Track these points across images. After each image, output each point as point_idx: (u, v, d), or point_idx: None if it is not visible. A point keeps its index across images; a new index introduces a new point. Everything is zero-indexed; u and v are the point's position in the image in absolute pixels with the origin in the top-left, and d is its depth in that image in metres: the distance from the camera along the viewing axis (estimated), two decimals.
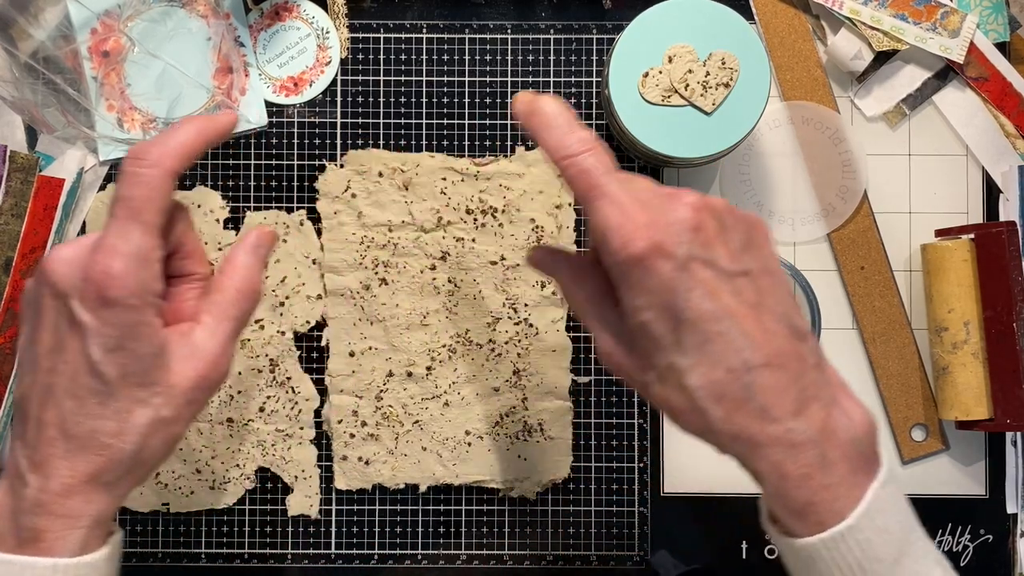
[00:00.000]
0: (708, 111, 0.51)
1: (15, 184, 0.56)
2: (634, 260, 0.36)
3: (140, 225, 0.38)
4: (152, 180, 0.38)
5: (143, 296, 0.37)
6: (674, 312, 0.36)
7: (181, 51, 0.57)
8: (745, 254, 0.38)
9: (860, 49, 0.57)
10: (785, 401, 0.36)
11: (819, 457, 0.37)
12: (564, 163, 0.38)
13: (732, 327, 0.36)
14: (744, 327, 0.36)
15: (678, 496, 0.58)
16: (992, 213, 0.59)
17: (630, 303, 0.37)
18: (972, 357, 0.55)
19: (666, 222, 0.36)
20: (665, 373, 0.37)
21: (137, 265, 0.37)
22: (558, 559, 0.58)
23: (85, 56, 0.57)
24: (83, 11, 0.57)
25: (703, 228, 0.37)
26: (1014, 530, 0.58)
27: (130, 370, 0.38)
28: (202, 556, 0.58)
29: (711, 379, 0.36)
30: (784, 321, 0.38)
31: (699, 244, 0.36)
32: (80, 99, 0.56)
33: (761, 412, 0.36)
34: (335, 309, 0.57)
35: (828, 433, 0.37)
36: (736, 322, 0.36)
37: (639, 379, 0.39)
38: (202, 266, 0.43)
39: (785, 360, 0.37)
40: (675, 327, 0.36)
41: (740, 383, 0.36)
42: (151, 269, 0.38)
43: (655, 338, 0.37)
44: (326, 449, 0.58)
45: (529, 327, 0.57)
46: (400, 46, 0.59)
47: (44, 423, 0.38)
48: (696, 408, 0.37)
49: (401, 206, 0.57)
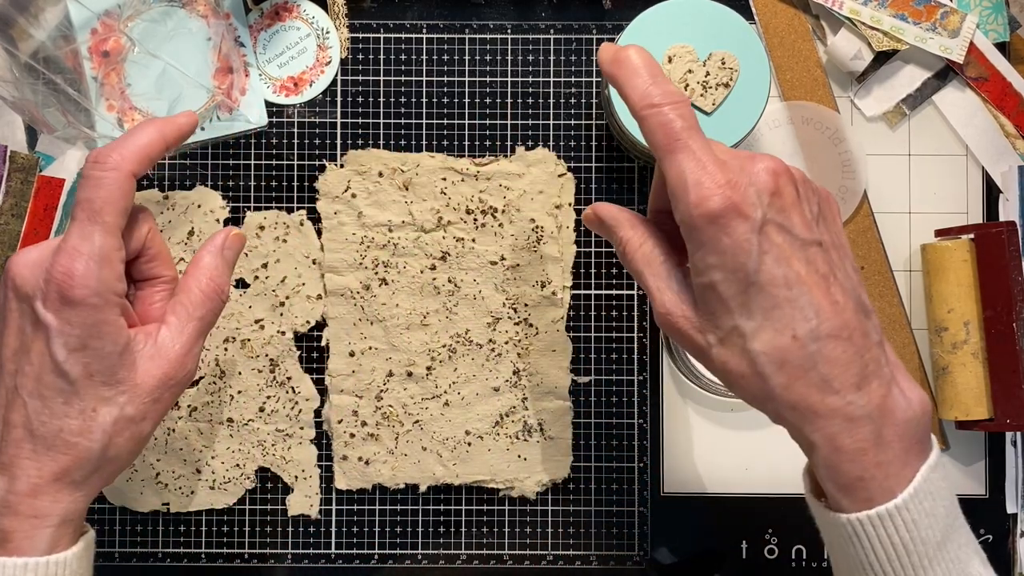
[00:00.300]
0: (708, 111, 0.51)
1: (15, 184, 0.56)
2: (710, 217, 0.36)
3: (101, 226, 0.39)
4: (111, 183, 0.39)
5: (105, 295, 0.38)
6: (745, 274, 0.36)
7: (181, 51, 0.57)
8: (818, 225, 0.38)
9: (860, 49, 0.57)
10: (848, 374, 0.36)
11: (875, 433, 0.36)
12: (645, 112, 0.37)
13: (802, 295, 0.36)
14: (814, 296, 0.36)
15: (678, 496, 0.59)
16: (992, 213, 0.59)
17: (701, 261, 0.37)
18: (972, 357, 0.55)
19: (745, 183, 0.36)
20: (728, 336, 0.37)
21: (98, 265, 0.38)
22: (558, 559, 0.58)
23: (85, 56, 0.57)
24: (83, 11, 0.57)
25: (781, 193, 0.36)
26: (1014, 530, 0.58)
27: (94, 368, 0.39)
28: (202, 556, 0.58)
29: (776, 345, 0.36)
30: (852, 295, 0.37)
31: (776, 209, 0.36)
32: (80, 99, 0.56)
33: (823, 383, 0.36)
34: (335, 309, 0.57)
35: (886, 411, 0.37)
36: (807, 290, 0.36)
37: (698, 341, 0.38)
38: (168, 269, 0.44)
39: (851, 333, 0.36)
40: (744, 289, 0.36)
41: (805, 351, 0.36)
42: (113, 269, 0.39)
43: (723, 299, 0.36)
44: (326, 449, 0.58)
45: (529, 327, 0.57)
46: (400, 46, 0.59)
47: (10, 424, 0.39)
48: (757, 373, 0.37)
49: (401, 206, 0.57)
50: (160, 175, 0.59)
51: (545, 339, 0.58)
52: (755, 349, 0.36)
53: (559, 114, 0.59)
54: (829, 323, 0.36)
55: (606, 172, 0.59)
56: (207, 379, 0.58)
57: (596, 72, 0.59)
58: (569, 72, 0.59)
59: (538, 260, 0.57)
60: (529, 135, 0.59)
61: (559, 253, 0.57)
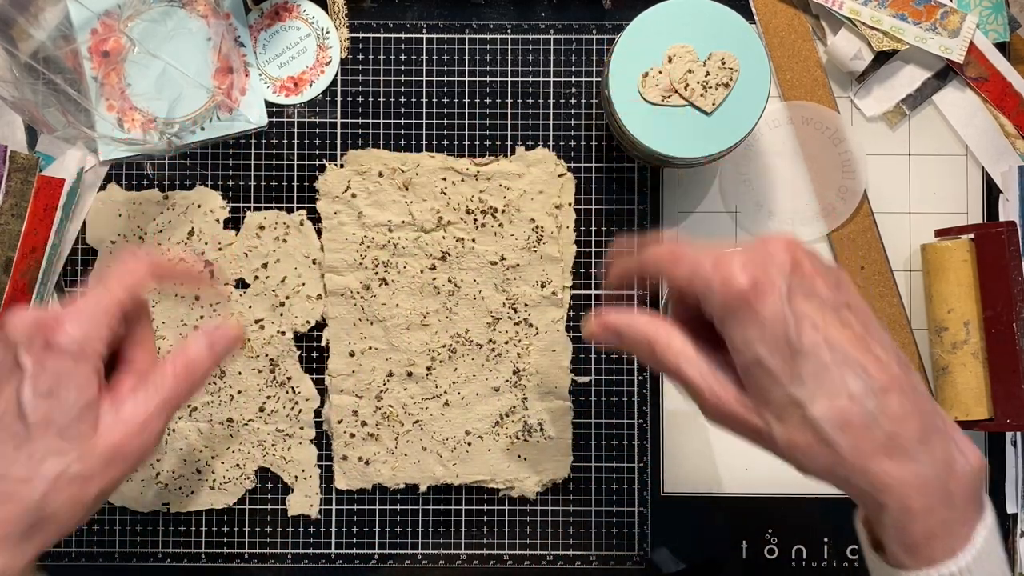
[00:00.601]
0: (708, 111, 0.51)
1: (15, 184, 0.55)
2: (740, 294, 0.37)
3: (103, 291, 0.41)
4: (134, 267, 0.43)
5: (84, 347, 0.40)
6: (788, 342, 0.36)
7: (181, 51, 0.57)
8: (840, 289, 0.38)
9: (860, 49, 0.57)
10: (910, 428, 0.36)
11: (942, 491, 0.36)
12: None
13: (847, 355, 0.36)
14: (858, 355, 0.36)
15: (678, 496, 0.59)
16: (992, 213, 0.59)
17: (740, 338, 0.37)
18: (972, 357, 0.55)
19: (765, 260, 0.37)
20: (785, 409, 0.37)
21: (87, 320, 0.40)
22: (558, 559, 0.58)
23: (85, 56, 0.57)
24: (83, 11, 0.57)
25: (800, 264, 0.37)
26: (1014, 530, 0.58)
27: (53, 418, 0.39)
28: (202, 556, 0.58)
29: (834, 407, 0.36)
30: (892, 351, 0.38)
31: (798, 278, 0.37)
32: (80, 99, 0.56)
33: (888, 440, 0.36)
34: (335, 309, 0.57)
35: (949, 468, 0.37)
36: (850, 350, 0.36)
37: (755, 423, 0.38)
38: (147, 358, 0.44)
39: (902, 386, 0.37)
40: (790, 358, 0.36)
41: (864, 409, 0.36)
42: (98, 328, 0.41)
43: (771, 372, 0.37)
44: (326, 449, 0.58)
45: (529, 327, 0.57)
46: (400, 46, 0.59)
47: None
48: (822, 440, 0.36)
49: (401, 206, 0.57)
50: (160, 175, 0.59)
51: (545, 339, 0.58)
52: (815, 416, 0.36)
53: (559, 114, 0.59)
54: (879, 378, 0.36)
55: (606, 172, 0.59)
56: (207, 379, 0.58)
57: (596, 72, 0.59)
58: (569, 72, 0.59)
59: (538, 260, 0.57)
60: (529, 135, 0.59)
61: (559, 253, 0.57)
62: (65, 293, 0.58)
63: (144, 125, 0.57)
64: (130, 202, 0.58)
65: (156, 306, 0.58)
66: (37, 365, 0.39)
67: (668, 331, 0.40)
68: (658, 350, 0.40)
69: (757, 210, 0.59)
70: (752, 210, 0.59)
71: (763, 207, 0.59)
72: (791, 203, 0.59)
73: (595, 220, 0.59)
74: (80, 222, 0.58)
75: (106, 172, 0.58)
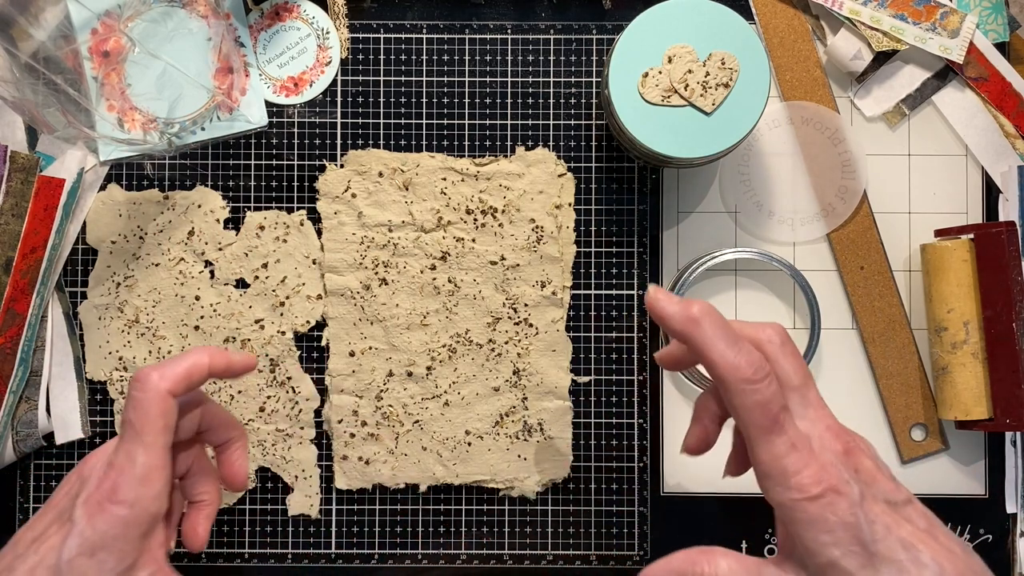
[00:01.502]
0: (708, 111, 0.51)
1: (15, 184, 0.56)
2: (813, 499, 0.37)
3: (142, 447, 0.40)
4: (149, 404, 0.41)
5: (136, 510, 0.40)
6: (862, 545, 0.37)
7: (181, 51, 0.57)
8: (898, 483, 0.40)
9: (860, 49, 0.57)
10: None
11: None
12: (740, 387, 0.38)
13: (921, 553, 0.37)
14: (931, 552, 0.37)
15: (678, 496, 0.59)
16: (992, 213, 0.59)
17: (813, 541, 0.37)
18: (972, 357, 0.55)
19: (831, 463, 0.38)
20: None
21: (139, 483, 0.40)
22: (558, 559, 0.58)
23: (86, 56, 0.57)
24: (83, 11, 0.57)
25: (861, 468, 0.39)
26: (1013, 530, 0.58)
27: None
28: (202, 556, 0.58)
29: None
30: (953, 537, 0.39)
31: (865, 482, 0.38)
32: (80, 99, 0.56)
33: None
34: (335, 309, 0.58)
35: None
36: (924, 548, 0.37)
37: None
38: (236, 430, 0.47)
39: (971, 573, 0.38)
40: (868, 560, 0.37)
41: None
42: (151, 487, 0.40)
43: (848, 573, 0.37)
44: (326, 449, 0.58)
45: (529, 327, 0.57)
46: (400, 46, 0.59)
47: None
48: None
49: (401, 206, 0.57)
50: (160, 175, 0.59)
51: (545, 339, 0.58)
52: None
53: (559, 114, 0.59)
54: (952, 570, 0.37)
55: (606, 172, 0.59)
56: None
57: (596, 72, 0.59)
58: (569, 72, 0.59)
59: (538, 260, 0.57)
60: (529, 135, 0.59)
61: (559, 253, 0.57)
62: (65, 293, 0.58)
63: (144, 125, 0.57)
64: (130, 202, 0.58)
65: (156, 306, 0.58)
66: (87, 522, 0.39)
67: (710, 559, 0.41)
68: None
69: (757, 210, 0.59)
70: (752, 210, 0.59)
71: (763, 207, 0.59)
72: (791, 203, 0.59)
73: (595, 220, 0.59)
74: (80, 222, 0.58)
75: (106, 172, 0.58)
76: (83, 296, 0.58)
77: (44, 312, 0.57)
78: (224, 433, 0.47)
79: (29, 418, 0.57)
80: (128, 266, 0.58)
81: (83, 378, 0.58)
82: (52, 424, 0.57)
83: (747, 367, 0.38)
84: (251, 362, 0.45)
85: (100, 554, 0.39)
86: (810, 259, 0.59)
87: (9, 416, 0.56)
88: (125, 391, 0.58)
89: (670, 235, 0.59)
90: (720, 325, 0.39)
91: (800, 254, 0.59)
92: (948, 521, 0.58)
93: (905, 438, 0.58)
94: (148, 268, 0.58)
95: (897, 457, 0.58)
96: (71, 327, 0.58)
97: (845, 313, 0.59)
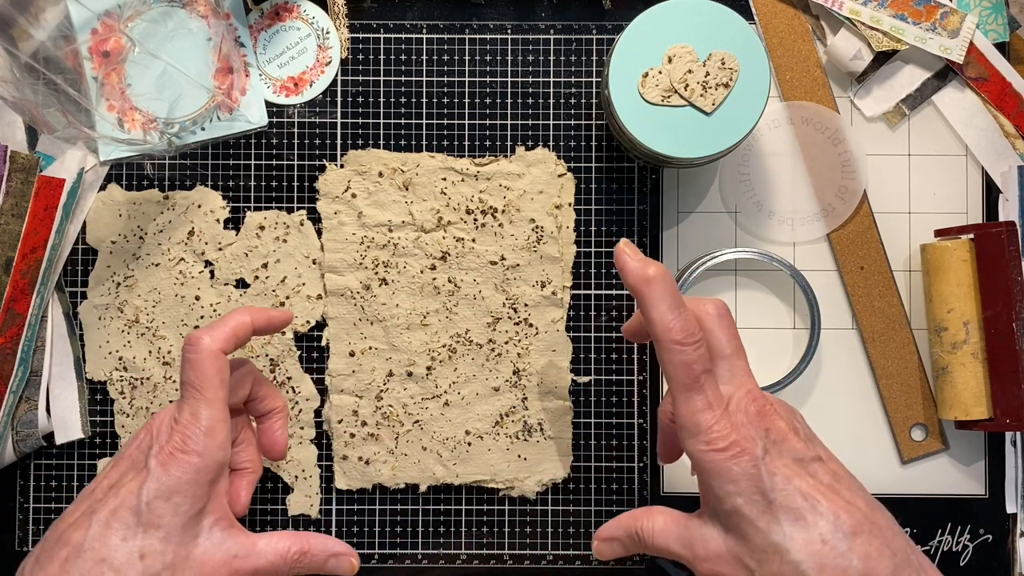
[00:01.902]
0: (708, 111, 0.51)
1: (15, 184, 0.56)
2: (720, 451, 0.41)
3: (204, 402, 0.45)
4: (204, 362, 0.45)
5: (206, 458, 0.44)
6: (763, 493, 0.40)
7: (181, 51, 0.57)
8: (812, 443, 0.43)
9: (860, 49, 0.57)
10: (883, 565, 0.40)
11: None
12: (668, 345, 0.42)
13: (818, 503, 0.40)
14: (828, 502, 0.40)
15: (678, 496, 0.59)
16: (992, 213, 0.59)
17: (720, 489, 0.41)
18: (972, 357, 0.55)
19: (742, 423, 0.42)
20: (766, 555, 0.40)
21: (205, 435, 0.45)
22: (558, 559, 0.58)
23: (86, 56, 0.57)
24: (83, 11, 0.57)
25: (773, 428, 0.42)
26: (1013, 530, 0.58)
27: (163, 522, 0.43)
28: None
29: (810, 551, 0.40)
30: (860, 494, 0.42)
31: (772, 440, 0.42)
32: (80, 99, 0.56)
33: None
34: (335, 309, 0.58)
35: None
36: (820, 498, 0.40)
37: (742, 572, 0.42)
38: (277, 401, 0.52)
39: (871, 527, 0.40)
40: (767, 507, 0.40)
41: (837, 551, 0.39)
42: (216, 438, 0.45)
43: (750, 519, 0.41)
44: (326, 449, 0.58)
45: (529, 327, 0.57)
46: (400, 46, 0.59)
47: (65, 543, 0.43)
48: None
49: (401, 206, 0.57)
50: (160, 175, 0.59)
51: (545, 339, 0.58)
52: (794, 559, 0.40)
53: (559, 114, 0.59)
54: (849, 521, 0.40)
55: (606, 172, 0.59)
56: None
57: (596, 72, 0.59)
58: (569, 72, 0.59)
59: (538, 260, 0.57)
60: (529, 135, 0.59)
61: (559, 253, 0.57)
62: (65, 293, 0.58)
63: (144, 125, 0.57)
64: (130, 202, 0.58)
65: (156, 306, 0.58)
66: (162, 469, 0.44)
67: (646, 519, 0.46)
68: (645, 539, 0.46)
69: (757, 210, 0.59)
70: (752, 210, 0.59)
71: (763, 207, 0.59)
72: (791, 203, 0.59)
73: (595, 220, 0.59)
74: (80, 222, 0.58)
75: (106, 172, 0.58)
76: (83, 296, 0.58)
77: (44, 312, 0.57)
78: (269, 403, 0.51)
79: (29, 418, 0.57)
80: (128, 266, 0.58)
81: (83, 378, 0.58)
82: (52, 424, 0.57)
83: (680, 330, 0.41)
84: (288, 316, 0.51)
85: (175, 497, 0.43)
86: (810, 259, 0.59)
87: (9, 416, 0.56)
88: (125, 391, 0.58)
89: (670, 235, 0.59)
90: (669, 291, 0.42)
91: (800, 254, 0.59)
92: (948, 521, 0.58)
93: (905, 438, 0.58)
94: (148, 268, 0.58)
95: (897, 457, 0.58)
96: (71, 327, 0.58)
97: (845, 313, 0.59)
